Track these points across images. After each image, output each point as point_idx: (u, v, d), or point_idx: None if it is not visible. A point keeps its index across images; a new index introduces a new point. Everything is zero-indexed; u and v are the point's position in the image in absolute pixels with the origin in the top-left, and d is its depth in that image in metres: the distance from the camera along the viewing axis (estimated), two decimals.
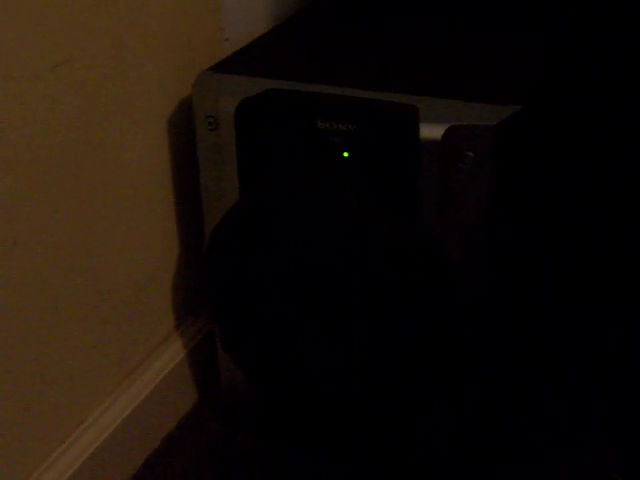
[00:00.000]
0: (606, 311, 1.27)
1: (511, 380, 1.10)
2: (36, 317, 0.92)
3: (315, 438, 1.10)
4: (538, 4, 1.14)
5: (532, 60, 1.03)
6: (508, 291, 1.01)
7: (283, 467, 1.09)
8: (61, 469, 0.97)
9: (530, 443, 1.10)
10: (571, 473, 1.06)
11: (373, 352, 0.97)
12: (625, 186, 1.30)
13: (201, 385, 1.19)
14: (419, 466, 1.05)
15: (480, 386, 0.99)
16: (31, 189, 0.89)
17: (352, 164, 0.93)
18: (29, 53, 0.86)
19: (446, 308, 0.93)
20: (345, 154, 0.93)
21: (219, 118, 0.97)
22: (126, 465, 1.07)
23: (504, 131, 0.88)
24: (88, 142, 0.95)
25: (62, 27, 0.89)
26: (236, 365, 1.06)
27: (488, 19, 1.15)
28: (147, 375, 1.09)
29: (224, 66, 1.02)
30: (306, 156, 0.95)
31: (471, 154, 0.88)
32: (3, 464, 0.91)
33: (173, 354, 1.14)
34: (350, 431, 1.07)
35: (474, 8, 1.16)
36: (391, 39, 1.10)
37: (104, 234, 1.00)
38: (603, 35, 1.19)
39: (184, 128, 1.07)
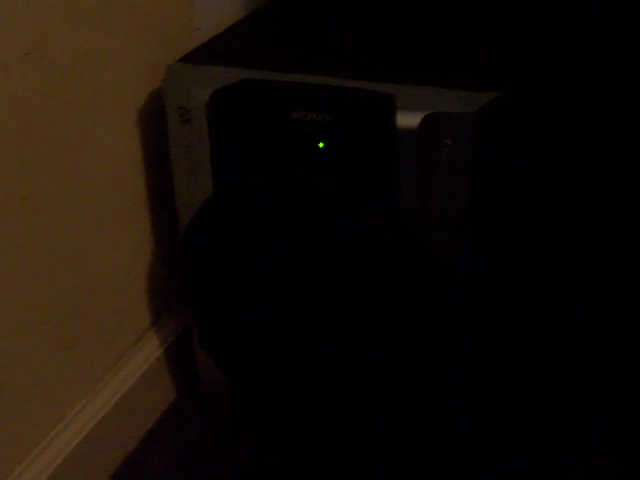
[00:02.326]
0: (598, 301, 1.28)
1: (502, 375, 1.09)
2: (7, 317, 0.91)
3: (295, 435, 1.09)
4: None
5: (511, 46, 1.02)
6: (492, 281, 1.00)
7: (264, 463, 1.09)
8: (38, 470, 0.97)
9: (524, 440, 1.09)
10: (567, 470, 1.06)
11: (353, 348, 0.96)
12: (608, 172, 1.31)
13: (179, 382, 1.18)
14: (411, 464, 1.05)
15: (473, 381, 0.98)
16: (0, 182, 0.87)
17: (328, 155, 0.92)
18: None
19: (428, 299, 0.92)
20: (321, 144, 0.92)
21: (191, 110, 0.96)
22: (104, 465, 1.07)
23: (483, 118, 0.87)
24: (57, 134, 0.94)
25: (30, 16, 0.88)
26: (213, 361, 1.06)
27: (466, 4, 1.13)
28: (124, 373, 1.09)
29: (195, 56, 1.01)
30: (281, 147, 0.94)
31: (449, 142, 0.87)
32: None
33: (150, 352, 1.13)
34: (330, 429, 1.06)
35: None
36: (366, 26, 1.09)
37: (75, 231, 0.99)
38: (586, 22, 1.18)
39: (156, 120, 1.06)
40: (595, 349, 1.21)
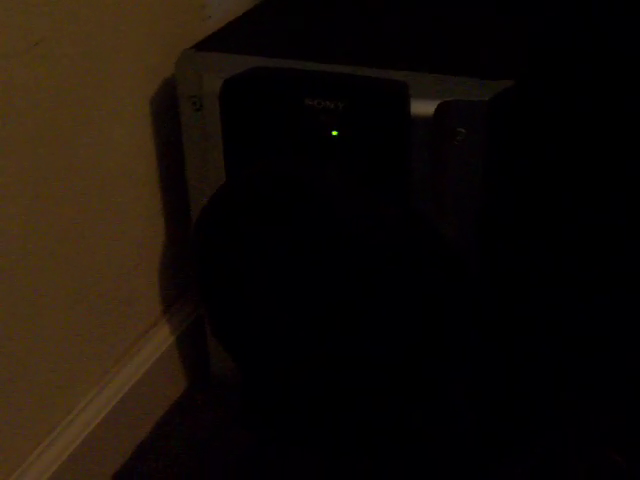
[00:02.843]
0: (599, 301, 1.27)
1: (504, 373, 1.09)
2: (19, 307, 0.91)
3: (305, 426, 1.09)
4: None
5: (524, 33, 1.02)
6: (499, 277, 0.99)
7: (275, 454, 1.08)
8: (50, 458, 0.97)
9: (528, 426, 1.09)
10: (571, 454, 1.06)
11: (358, 342, 0.96)
12: (621, 163, 1.30)
13: (191, 371, 1.18)
14: (414, 462, 1.05)
15: (477, 378, 0.98)
16: (10, 174, 0.87)
17: (341, 143, 0.92)
18: (5, 32, 0.84)
19: (437, 294, 0.92)
20: (334, 133, 0.92)
21: (203, 98, 0.96)
22: (115, 454, 1.06)
23: (497, 106, 0.86)
24: (68, 123, 0.93)
25: (39, 5, 0.87)
26: (224, 349, 1.05)
27: None
28: (135, 362, 1.08)
29: (207, 44, 1.00)
30: (294, 135, 0.94)
31: (463, 130, 0.87)
32: None
33: (161, 340, 1.12)
34: (339, 422, 1.06)
35: None
36: (379, 14, 1.08)
37: (87, 219, 0.98)
38: (586, 22, 1.18)
39: (168, 108, 1.05)
40: (597, 349, 1.20)
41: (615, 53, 1.21)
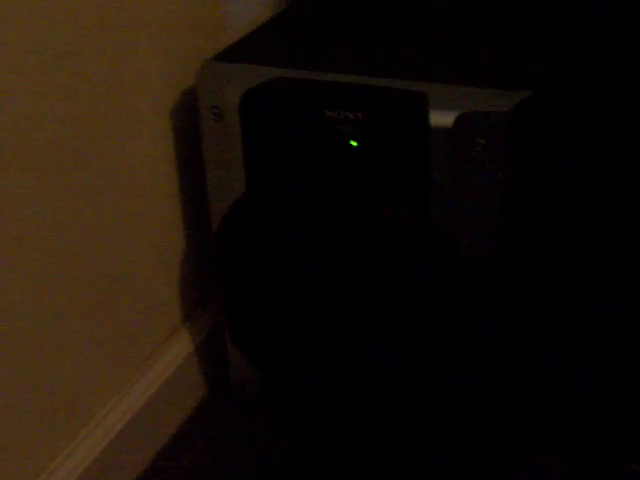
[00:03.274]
0: (605, 306, 1.27)
1: (521, 370, 1.09)
2: (41, 315, 0.91)
3: (326, 432, 1.09)
4: None
5: (544, 44, 1.01)
6: (519, 280, 0.99)
7: (294, 460, 1.09)
8: (72, 466, 0.97)
9: (544, 433, 1.09)
10: (588, 462, 1.05)
11: (383, 343, 0.96)
12: (617, 176, 1.29)
13: (210, 379, 1.18)
14: (426, 463, 1.04)
15: (489, 383, 0.98)
16: (34, 184, 0.88)
17: (361, 153, 0.92)
18: (31, 44, 0.84)
19: (457, 296, 0.92)
20: (354, 143, 0.92)
21: (224, 108, 0.96)
22: (136, 461, 1.07)
23: (516, 117, 0.86)
24: (91, 134, 0.94)
25: (64, 18, 0.88)
26: (245, 357, 1.05)
27: (498, 2, 1.12)
28: (155, 370, 1.09)
29: (228, 55, 1.00)
30: (313, 146, 0.94)
31: (482, 141, 0.86)
32: (14, 463, 0.90)
33: (181, 348, 1.13)
34: (359, 425, 1.06)
35: None
36: (399, 25, 1.08)
37: (109, 228, 0.99)
38: (616, 20, 1.17)
39: (188, 119, 1.06)
40: (602, 352, 1.20)
41: (615, 53, 1.20)
